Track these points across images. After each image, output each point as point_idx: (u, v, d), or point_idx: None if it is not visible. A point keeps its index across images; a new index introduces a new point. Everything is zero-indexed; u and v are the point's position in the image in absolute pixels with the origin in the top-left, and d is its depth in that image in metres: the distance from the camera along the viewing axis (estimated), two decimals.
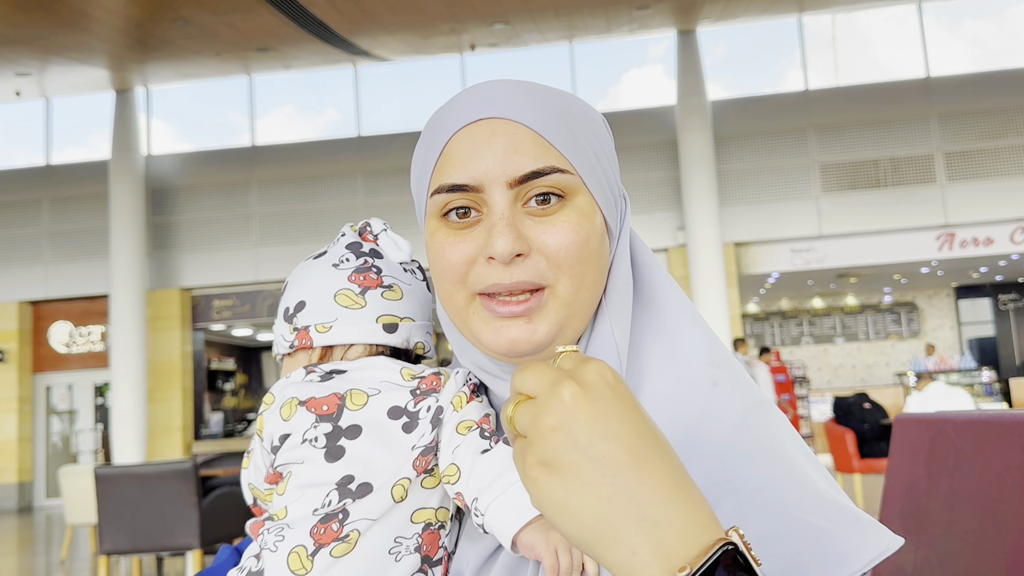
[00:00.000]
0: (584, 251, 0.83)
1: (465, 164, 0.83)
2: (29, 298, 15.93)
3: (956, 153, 14.31)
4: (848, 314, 20.99)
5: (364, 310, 0.96)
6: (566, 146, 0.84)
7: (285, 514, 0.88)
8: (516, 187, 0.82)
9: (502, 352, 0.84)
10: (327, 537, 0.84)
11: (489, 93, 0.85)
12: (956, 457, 1.37)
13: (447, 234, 0.85)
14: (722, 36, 17.21)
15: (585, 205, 0.85)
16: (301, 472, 0.88)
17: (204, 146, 16.59)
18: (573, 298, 0.84)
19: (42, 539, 11.34)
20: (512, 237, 0.80)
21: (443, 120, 0.87)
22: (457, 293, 0.85)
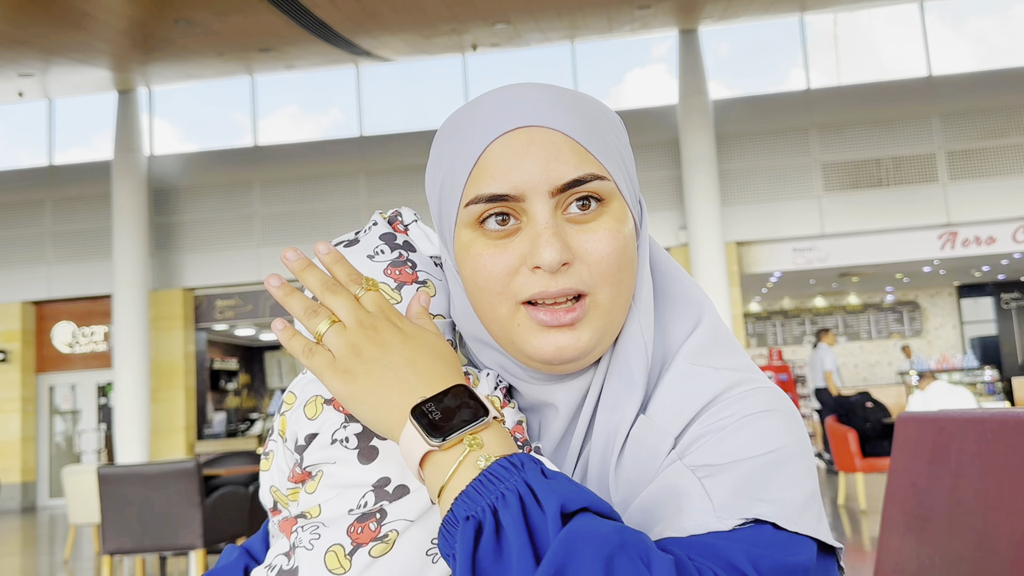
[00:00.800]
0: (622, 258, 0.85)
1: (505, 174, 0.82)
2: (32, 298, 15.95)
3: (958, 152, 14.29)
4: (850, 313, 20.98)
5: (399, 306, 0.93)
6: (601, 152, 0.85)
7: (319, 512, 0.86)
8: (557, 195, 0.83)
9: (547, 360, 0.85)
10: (365, 536, 0.83)
11: (523, 99, 0.85)
12: (959, 456, 1.37)
13: (485, 244, 0.85)
14: (726, 35, 17.20)
15: (620, 211, 0.86)
16: (334, 472, 0.86)
17: (207, 146, 16.60)
18: (612, 306, 0.85)
19: (45, 539, 11.36)
20: (559, 246, 0.81)
21: (473, 127, 0.86)
22: (500, 304, 0.85)
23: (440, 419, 0.74)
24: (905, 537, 1.50)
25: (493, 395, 0.90)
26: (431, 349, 0.81)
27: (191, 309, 15.63)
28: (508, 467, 0.70)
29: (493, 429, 0.75)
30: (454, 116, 0.89)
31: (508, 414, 0.90)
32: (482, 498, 0.69)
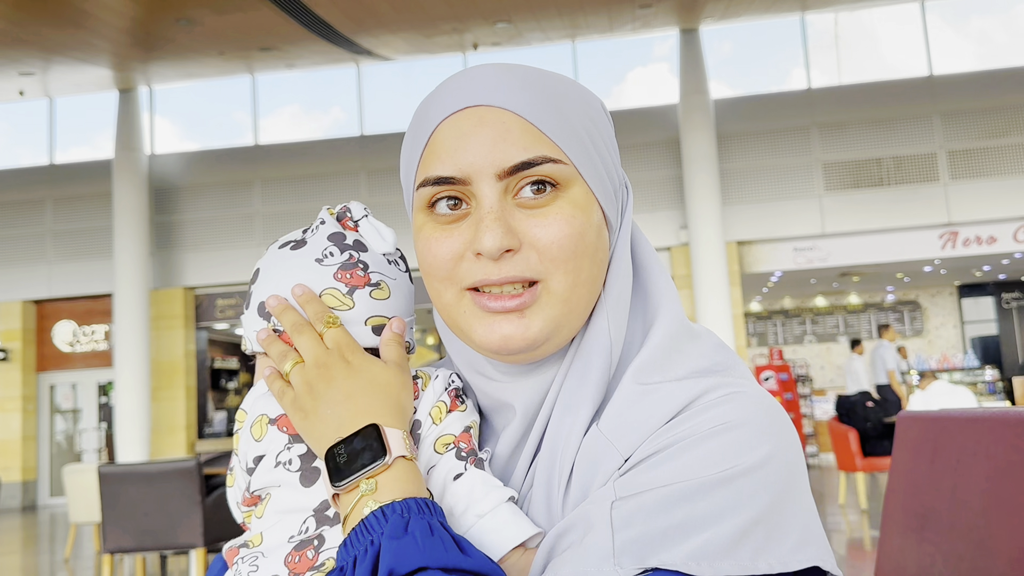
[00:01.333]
0: (580, 245, 0.79)
1: (451, 155, 0.78)
2: (33, 297, 15.96)
3: (959, 151, 14.29)
4: (851, 313, 20.97)
5: (352, 311, 0.88)
6: (559, 134, 0.79)
7: (260, 540, 0.83)
8: (506, 179, 0.78)
9: (494, 349, 0.80)
10: (302, 566, 0.79)
11: (477, 79, 0.81)
12: (960, 455, 1.37)
13: (433, 228, 0.81)
14: (728, 34, 17.20)
15: (580, 197, 0.80)
16: (279, 496, 0.84)
17: (207, 145, 16.61)
18: (569, 294, 0.79)
19: (46, 538, 11.37)
20: (501, 232, 0.76)
21: (429, 108, 0.82)
22: (446, 290, 0.81)
23: (344, 462, 0.77)
24: (906, 537, 1.49)
25: (439, 400, 0.86)
26: (372, 382, 0.82)
27: (192, 308, 15.64)
28: (379, 518, 0.72)
29: (392, 471, 0.76)
30: (421, 101, 0.86)
31: (456, 418, 0.86)
32: (354, 549, 0.72)
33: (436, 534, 0.71)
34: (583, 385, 0.82)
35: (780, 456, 0.75)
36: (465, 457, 0.83)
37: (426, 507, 0.74)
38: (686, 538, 0.69)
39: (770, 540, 0.71)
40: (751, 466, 0.72)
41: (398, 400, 0.83)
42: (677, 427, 0.76)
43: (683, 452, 0.74)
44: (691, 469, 0.72)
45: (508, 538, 0.78)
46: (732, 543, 0.69)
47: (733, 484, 0.71)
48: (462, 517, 0.80)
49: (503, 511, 0.80)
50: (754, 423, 0.75)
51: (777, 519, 0.72)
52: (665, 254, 14.61)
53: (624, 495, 0.73)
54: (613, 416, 0.80)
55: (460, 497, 0.81)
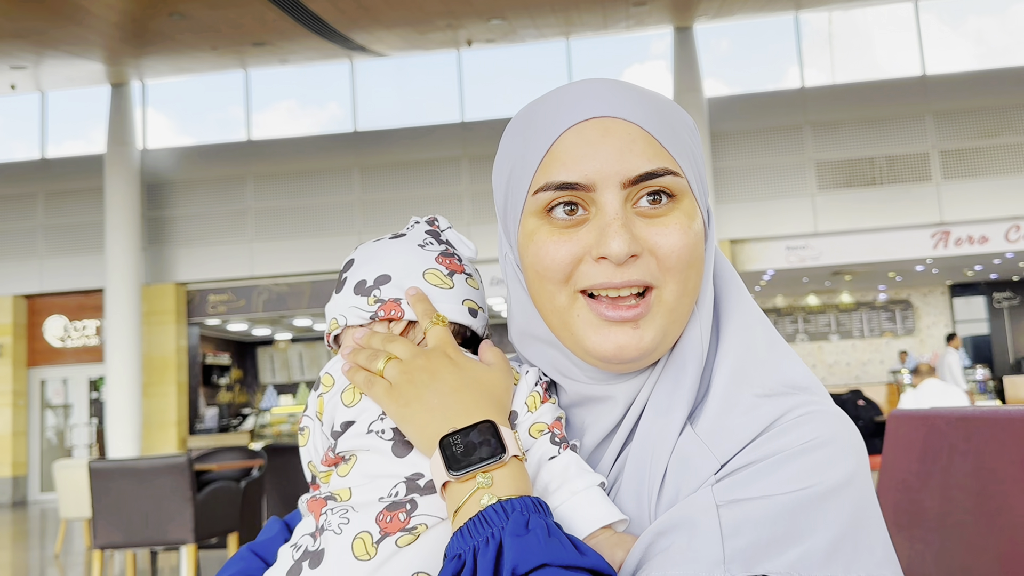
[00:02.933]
0: (692, 255, 0.83)
1: (577, 162, 0.81)
2: (24, 292, 15.90)
3: (952, 151, 14.32)
4: (843, 311, 21.01)
5: (452, 291, 0.96)
6: (676, 148, 0.84)
7: (349, 495, 0.87)
8: (629, 187, 0.81)
9: (607, 357, 0.83)
10: (393, 526, 0.83)
11: (599, 91, 0.84)
12: (950, 453, 1.37)
13: (550, 232, 0.84)
14: (725, 32, 17.20)
15: (691, 209, 0.85)
16: (367, 460, 0.88)
17: (200, 141, 16.56)
18: (676, 304, 0.84)
19: (36, 533, 11.33)
20: (628, 238, 0.80)
21: (546, 117, 0.85)
22: (560, 293, 0.84)
23: (461, 453, 0.80)
24: (896, 534, 1.50)
25: (534, 391, 0.91)
26: (477, 380, 0.87)
27: (184, 304, 15.60)
28: (500, 513, 0.75)
29: (508, 468, 0.79)
30: (526, 108, 0.89)
31: (548, 408, 0.90)
32: (472, 539, 0.74)
33: (554, 534, 0.73)
34: (678, 389, 0.86)
35: (862, 473, 0.80)
36: (559, 443, 0.88)
37: (542, 507, 0.77)
38: (788, 549, 0.74)
39: (858, 553, 0.75)
40: (840, 483, 0.77)
41: (502, 400, 0.87)
42: (771, 441, 0.80)
43: (779, 466, 0.78)
44: (789, 483, 0.76)
45: (598, 517, 0.82)
46: (827, 555, 0.74)
47: (826, 500, 0.76)
48: (556, 493, 0.84)
49: (595, 492, 0.84)
50: (839, 441, 0.80)
51: (863, 533, 0.77)
52: None
53: (725, 501, 0.76)
54: (709, 421, 0.83)
55: (556, 475, 0.85)
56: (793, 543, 0.74)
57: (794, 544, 0.74)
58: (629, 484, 0.85)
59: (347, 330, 0.98)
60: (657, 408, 0.86)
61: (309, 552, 0.86)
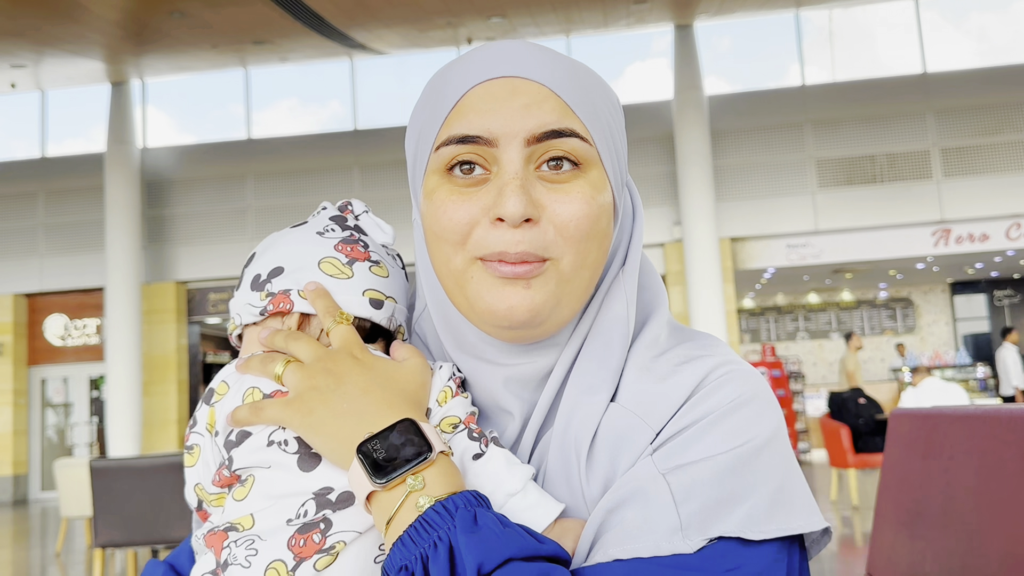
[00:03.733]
0: (594, 227, 0.80)
1: (480, 116, 0.78)
2: (24, 291, 15.90)
3: (952, 149, 14.32)
4: (843, 309, 21.03)
5: (351, 281, 0.88)
6: (587, 115, 0.81)
7: (252, 523, 0.78)
8: (533, 145, 0.78)
9: (499, 318, 0.79)
10: (308, 549, 0.76)
11: (511, 51, 0.82)
12: (952, 452, 1.37)
13: (450, 191, 0.80)
14: (727, 29, 17.20)
15: (598, 180, 0.81)
16: (269, 478, 0.80)
17: (200, 139, 16.56)
18: (573, 275, 0.80)
19: (37, 532, 11.34)
20: (525, 199, 0.76)
21: (455, 74, 0.82)
22: (456, 255, 0.80)
23: (384, 458, 0.74)
24: (898, 532, 1.50)
25: (446, 386, 0.85)
26: (389, 379, 0.81)
27: (184, 302, 15.61)
28: (442, 513, 0.71)
29: (437, 466, 0.75)
30: (442, 68, 0.86)
31: (459, 403, 0.85)
32: (416, 547, 0.70)
33: (508, 526, 0.71)
34: (603, 367, 0.84)
35: (783, 426, 0.81)
36: (478, 438, 0.82)
37: (483, 500, 0.74)
38: (736, 507, 0.74)
39: (793, 504, 0.77)
40: (769, 436, 0.79)
41: (417, 396, 0.82)
42: (699, 405, 0.80)
43: (712, 427, 0.78)
44: (724, 442, 0.77)
45: (544, 514, 0.78)
46: (770, 508, 0.75)
47: (761, 454, 0.77)
48: (492, 496, 0.78)
49: (532, 489, 0.80)
50: (760, 397, 0.81)
51: (792, 484, 0.78)
52: (658, 250, 14.63)
53: (669, 468, 0.76)
54: (633, 395, 0.82)
55: (488, 476, 0.80)
56: (739, 501, 0.74)
57: (740, 502, 0.74)
58: (555, 467, 0.82)
59: (247, 329, 0.91)
60: (579, 387, 0.83)
61: None
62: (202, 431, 0.87)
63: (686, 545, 0.72)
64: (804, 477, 0.81)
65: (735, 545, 0.73)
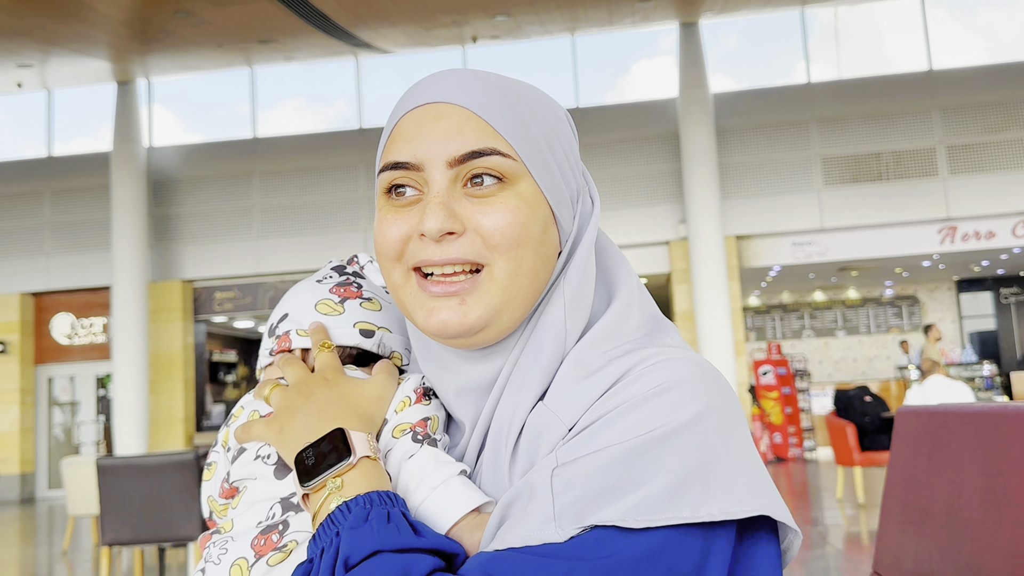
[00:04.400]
0: (522, 234, 0.83)
1: (409, 143, 0.85)
2: (31, 290, 15.95)
3: (958, 146, 14.29)
4: (849, 307, 20.99)
5: (342, 316, 1.01)
6: (512, 133, 0.85)
7: (231, 527, 0.90)
8: (456, 167, 0.84)
9: (433, 333, 0.85)
10: (266, 548, 0.85)
11: (442, 80, 0.88)
12: (959, 450, 1.37)
13: (387, 211, 0.87)
14: (734, 27, 17.17)
15: (528, 192, 0.85)
16: (253, 488, 0.91)
17: (206, 138, 16.59)
18: (509, 283, 0.84)
19: (44, 530, 11.38)
20: (443, 215, 0.82)
21: (397, 105, 0.90)
22: (395, 270, 0.87)
23: (312, 464, 0.82)
24: (904, 531, 1.50)
25: (405, 397, 0.92)
26: (345, 396, 0.91)
27: (190, 301, 15.64)
28: (344, 511, 0.77)
29: (358, 470, 0.81)
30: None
31: (416, 410, 0.92)
32: (321, 541, 0.77)
33: (393, 521, 0.76)
34: (533, 367, 0.87)
35: (714, 412, 0.78)
36: (420, 440, 0.89)
37: (388, 499, 0.79)
38: (623, 496, 0.73)
39: (709, 491, 0.74)
40: (684, 423, 0.76)
41: (367, 409, 0.91)
42: (615, 395, 0.80)
43: (620, 417, 0.78)
44: (627, 432, 0.76)
45: (459, 506, 0.82)
46: (668, 496, 0.73)
47: (666, 442, 0.75)
48: (416, 491, 0.84)
49: (455, 483, 0.84)
50: (686, 384, 0.79)
51: (716, 472, 0.75)
52: (664, 248, 14.62)
53: (565, 461, 0.77)
54: (557, 392, 0.84)
55: (413, 474, 0.86)
56: (629, 489, 0.73)
57: (630, 490, 0.73)
58: (488, 466, 0.87)
59: (265, 370, 1.04)
60: (512, 388, 0.87)
61: None
62: (219, 449, 1.00)
63: (556, 534, 0.72)
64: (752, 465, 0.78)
65: (612, 532, 0.72)
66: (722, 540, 0.75)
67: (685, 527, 0.73)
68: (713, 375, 0.82)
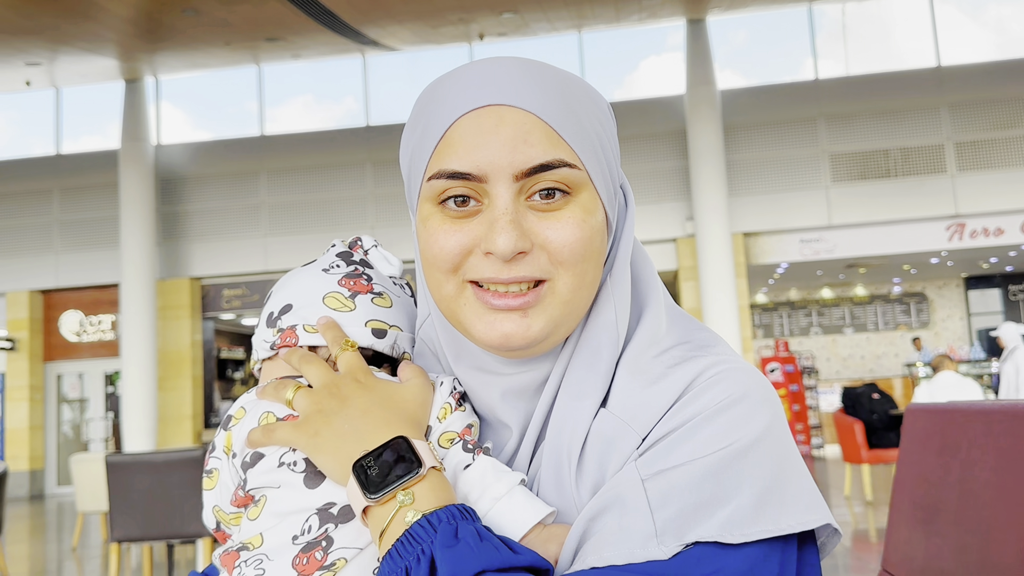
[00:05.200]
0: (588, 249, 0.81)
1: (469, 152, 0.79)
2: (40, 287, 16.00)
3: (967, 143, 14.24)
4: (857, 304, 20.94)
5: (353, 313, 0.94)
6: (575, 139, 0.81)
7: (261, 542, 0.83)
8: (522, 180, 0.79)
9: (494, 346, 0.82)
10: (311, 567, 0.80)
11: (497, 76, 0.81)
12: (968, 447, 1.37)
13: (442, 220, 0.82)
14: (742, 24, 17.13)
15: (589, 201, 0.82)
16: (278, 497, 0.85)
17: (214, 136, 16.61)
18: (572, 296, 0.82)
19: (54, 527, 11.42)
20: (516, 235, 0.78)
21: (445, 99, 0.83)
22: (447, 282, 0.83)
23: (376, 474, 0.78)
24: (913, 528, 1.50)
25: (445, 403, 0.89)
26: (388, 399, 0.85)
27: (198, 298, 15.67)
28: (427, 527, 0.74)
29: (427, 481, 0.78)
30: (431, 85, 0.86)
31: (458, 417, 0.88)
32: (402, 559, 0.73)
33: (485, 539, 0.73)
34: (592, 374, 0.85)
35: (778, 423, 0.80)
36: (472, 449, 0.86)
37: (468, 513, 0.77)
38: (716, 511, 0.74)
39: (784, 504, 0.76)
40: (757, 437, 0.78)
41: (414, 414, 0.86)
42: (686, 407, 0.80)
43: (697, 430, 0.78)
44: (708, 445, 0.77)
45: (526, 518, 0.80)
46: (755, 510, 0.75)
47: (746, 456, 0.77)
48: (478, 502, 0.82)
49: (518, 493, 0.82)
50: (751, 396, 0.80)
51: (787, 483, 0.77)
52: (671, 245, 14.60)
53: (650, 474, 0.77)
54: (621, 400, 0.83)
55: (474, 484, 0.83)
56: (720, 504, 0.74)
57: (721, 505, 0.74)
58: (548, 475, 0.84)
59: (264, 364, 0.98)
60: (570, 394, 0.85)
61: None
62: (220, 455, 0.92)
63: (660, 551, 0.73)
64: (807, 474, 0.80)
65: (714, 549, 0.73)
66: (792, 550, 0.78)
67: (769, 540, 0.75)
68: (767, 384, 0.84)
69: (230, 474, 0.90)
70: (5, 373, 15.89)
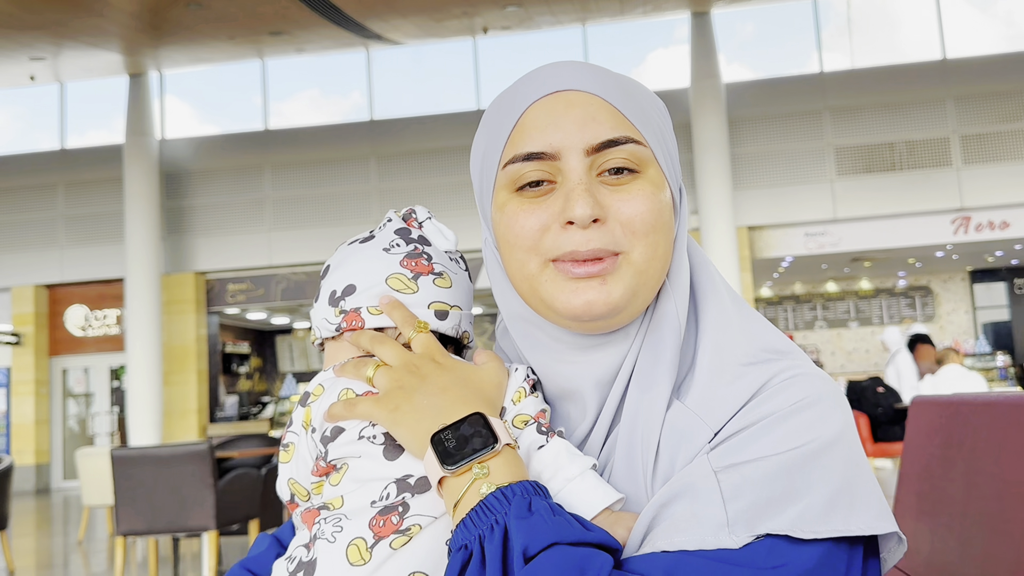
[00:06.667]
0: (658, 220, 0.86)
1: (542, 133, 0.85)
2: (45, 282, 16.03)
3: (972, 136, 14.19)
4: (862, 298, 20.90)
5: (417, 295, 0.97)
6: (640, 120, 0.87)
7: (341, 504, 0.88)
8: (593, 155, 0.85)
9: (577, 314, 0.85)
10: (387, 529, 0.84)
11: (563, 69, 0.88)
12: (973, 439, 1.36)
13: (520, 203, 0.87)
14: (748, 16, 17.07)
15: (657, 178, 0.87)
16: (358, 466, 0.89)
17: (218, 130, 16.63)
18: (646, 266, 0.86)
19: (59, 520, 11.46)
20: (591, 201, 0.82)
21: (514, 96, 0.89)
22: (530, 260, 0.87)
23: (454, 447, 0.81)
24: (919, 521, 1.49)
25: (520, 387, 0.92)
26: (466, 379, 0.89)
27: (203, 293, 15.70)
28: (501, 499, 0.77)
29: (502, 457, 0.81)
30: (496, 98, 0.93)
31: (531, 402, 0.92)
32: (476, 528, 0.77)
33: (558, 513, 0.76)
34: (658, 364, 0.88)
35: (850, 429, 0.83)
36: (545, 432, 0.89)
37: (541, 490, 0.80)
38: (787, 506, 0.77)
39: (854, 507, 0.78)
40: (831, 439, 0.80)
41: (490, 395, 0.89)
42: (761, 406, 0.83)
43: (772, 428, 0.81)
44: (782, 443, 0.80)
45: (597, 501, 0.83)
46: (826, 510, 0.77)
47: (820, 457, 0.79)
48: (551, 481, 0.85)
49: (590, 476, 0.85)
50: (826, 400, 0.83)
51: (857, 488, 0.80)
52: None
53: (723, 466, 0.79)
54: (698, 393, 0.86)
55: (547, 464, 0.86)
56: (792, 501, 0.77)
57: (793, 502, 0.77)
58: (621, 463, 0.87)
59: (327, 343, 1.00)
60: (640, 385, 0.88)
61: (303, 563, 0.87)
62: (298, 430, 0.95)
63: (731, 540, 0.75)
64: (876, 483, 0.82)
65: (783, 543, 0.76)
66: (858, 554, 0.80)
67: (837, 541, 0.77)
68: (840, 391, 0.86)
69: (308, 448, 0.93)
70: (11, 368, 15.94)
